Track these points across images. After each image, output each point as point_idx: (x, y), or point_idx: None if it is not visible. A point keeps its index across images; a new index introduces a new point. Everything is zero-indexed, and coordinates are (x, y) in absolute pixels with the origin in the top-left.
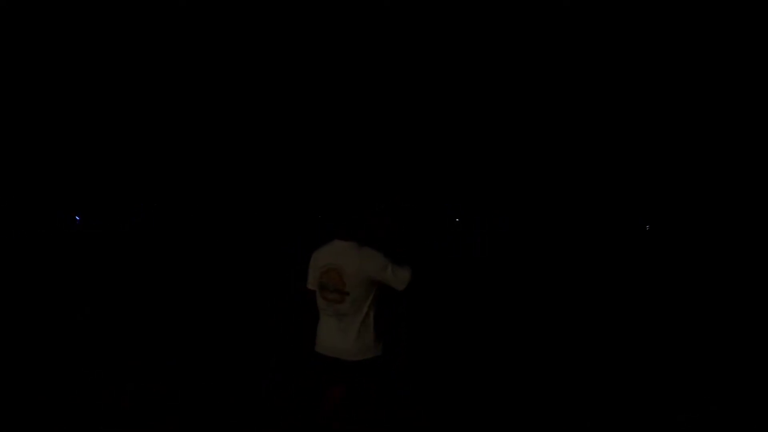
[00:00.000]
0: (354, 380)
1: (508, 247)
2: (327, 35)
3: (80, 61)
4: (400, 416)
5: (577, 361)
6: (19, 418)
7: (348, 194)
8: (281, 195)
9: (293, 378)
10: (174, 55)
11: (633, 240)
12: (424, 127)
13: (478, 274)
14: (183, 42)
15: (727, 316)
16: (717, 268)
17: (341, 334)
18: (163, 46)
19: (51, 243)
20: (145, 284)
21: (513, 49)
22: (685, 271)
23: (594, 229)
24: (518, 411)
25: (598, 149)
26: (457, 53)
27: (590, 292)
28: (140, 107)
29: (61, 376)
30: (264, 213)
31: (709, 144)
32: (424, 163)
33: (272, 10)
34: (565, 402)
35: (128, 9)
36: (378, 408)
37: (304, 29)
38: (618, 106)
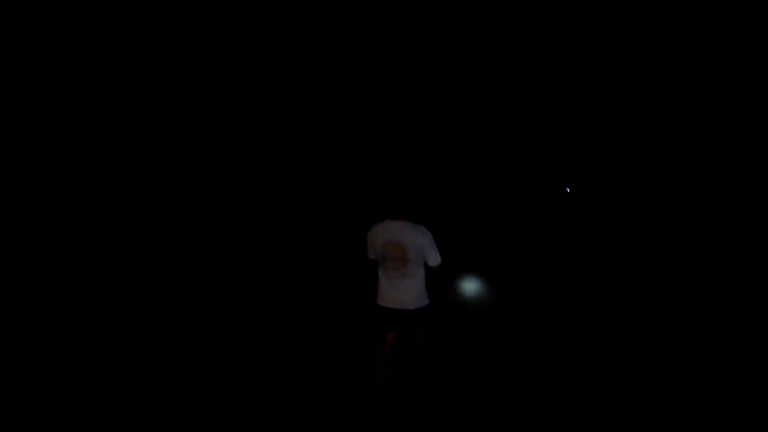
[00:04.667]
0: (411, 324)
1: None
2: (334, 41)
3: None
4: (400, 417)
5: (575, 359)
6: (20, 418)
7: (352, 193)
8: (280, 194)
9: (293, 377)
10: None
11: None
12: (426, 129)
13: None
14: (180, 41)
15: (726, 312)
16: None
17: (403, 290)
18: (160, 44)
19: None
20: (144, 284)
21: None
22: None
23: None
24: (514, 409)
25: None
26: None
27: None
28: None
29: (62, 376)
30: (264, 212)
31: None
32: (430, 164)
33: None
34: (563, 401)
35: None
36: (423, 344)
37: (313, 34)
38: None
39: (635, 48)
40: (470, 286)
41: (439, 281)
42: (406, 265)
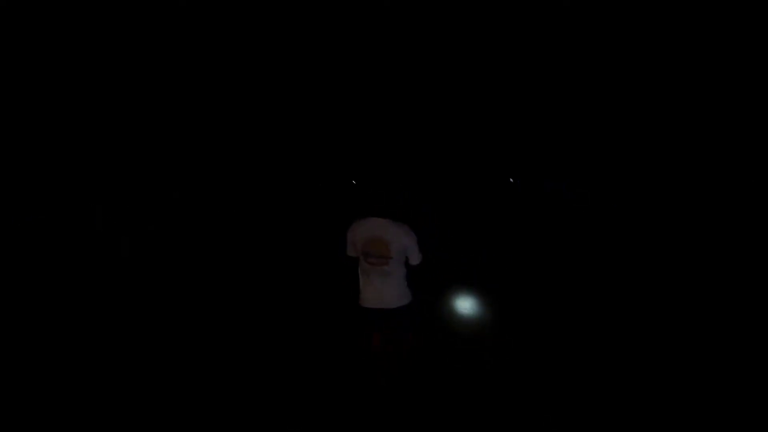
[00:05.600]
0: (394, 323)
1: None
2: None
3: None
4: (397, 415)
5: (575, 358)
6: (20, 418)
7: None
8: (280, 194)
9: (293, 377)
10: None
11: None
12: (425, 129)
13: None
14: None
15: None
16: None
17: (384, 289)
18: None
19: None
20: (144, 284)
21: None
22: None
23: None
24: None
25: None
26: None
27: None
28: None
29: (62, 375)
30: (264, 212)
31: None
32: (430, 164)
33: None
34: (562, 401)
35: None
36: (409, 342)
37: (312, 33)
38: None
39: (634, 52)
40: (466, 306)
41: (421, 278)
42: (387, 262)
